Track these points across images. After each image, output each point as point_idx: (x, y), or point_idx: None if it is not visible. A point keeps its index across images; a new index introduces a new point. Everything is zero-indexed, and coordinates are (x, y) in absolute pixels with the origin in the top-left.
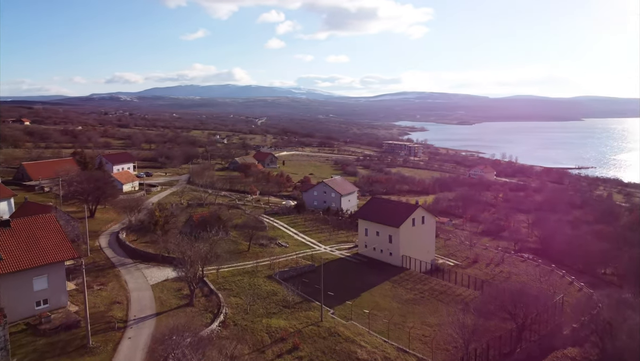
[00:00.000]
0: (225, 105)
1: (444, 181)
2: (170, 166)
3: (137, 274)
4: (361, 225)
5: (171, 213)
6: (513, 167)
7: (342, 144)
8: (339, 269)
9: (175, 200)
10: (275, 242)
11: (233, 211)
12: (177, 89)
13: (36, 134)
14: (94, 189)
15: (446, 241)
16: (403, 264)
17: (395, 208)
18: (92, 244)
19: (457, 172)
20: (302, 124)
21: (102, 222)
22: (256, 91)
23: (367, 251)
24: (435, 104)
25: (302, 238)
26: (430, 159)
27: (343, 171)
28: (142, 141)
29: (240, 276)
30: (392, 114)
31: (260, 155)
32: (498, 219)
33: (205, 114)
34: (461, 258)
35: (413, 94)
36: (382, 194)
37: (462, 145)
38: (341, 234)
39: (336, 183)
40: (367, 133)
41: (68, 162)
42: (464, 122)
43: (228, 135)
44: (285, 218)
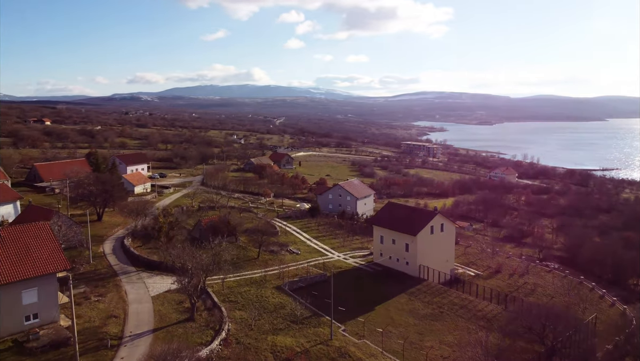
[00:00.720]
0: (244, 105)
1: (464, 183)
2: (185, 166)
3: (138, 284)
4: (376, 232)
5: (176, 218)
6: (535, 169)
7: (360, 144)
8: (352, 280)
9: (187, 203)
10: (287, 249)
11: (244, 215)
12: (197, 89)
13: (54, 134)
14: (101, 192)
15: (466, 249)
16: (420, 275)
17: (412, 214)
18: (96, 250)
19: (478, 174)
20: (320, 124)
21: (110, 226)
22: (275, 91)
23: (382, 259)
24: (455, 104)
25: (315, 244)
26: (449, 160)
27: (360, 172)
28: (158, 141)
29: (247, 286)
30: (410, 114)
31: (276, 156)
32: (520, 224)
33: (224, 113)
34: (482, 268)
35: (432, 94)
36: (399, 197)
37: (482, 146)
38: (356, 240)
39: (352, 186)
40: (385, 133)
41: (80, 163)
42: (484, 122)
43: (245, 135)
44: (298, 222)
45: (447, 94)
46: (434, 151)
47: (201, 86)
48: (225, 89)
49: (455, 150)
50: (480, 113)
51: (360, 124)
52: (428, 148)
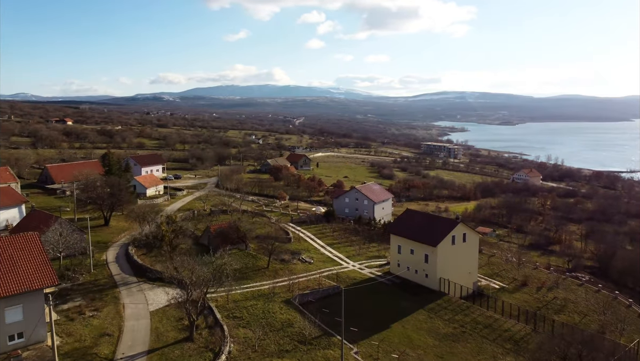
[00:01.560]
0: (264, 105)
1: (486, 186)
2: (201, 167)
3: (138, 297)
4: (394, 241)
5: (180, 226)
6: (560, 171)
7: (379, 145)
8: (367, 293)
9: (199, 206)
10: (299, 257)
11: (257, 220)
12: (218, 89)
13: (73, 134)
14: (108, 196)
15: (490, 258)
16: (441, 289)
17: (432, 222)
18: (99, 257)
19: (500, 176)
20: (339, 124)
21: (116, 231)
22: (295, 91)
23: (400, 270)
24: (476, 104)
25: (329, 252)
26: (470, 162)
27: (379, 173)
28: (176, 142)
29: (254, 300)
30: (431, 114)
31: (294, 157)
32: (546, 230)
33: (245, 113)
34: (508, 280)
35: (453, 94)
36: (419, 200)
37: (505, 146)
38: (372, 247)
39: (369, 190)
40: (405, 134)
41: (93, 164)
42: (506, 122)
43: (264, 135)
44: (313, 228)
45: (469, 94)
46: (455, 151)
47: (222, 86)
48: (246, 89)
49: (476, 151)
50: (502, 113)
51: (380, 124)
52: (449, 149)
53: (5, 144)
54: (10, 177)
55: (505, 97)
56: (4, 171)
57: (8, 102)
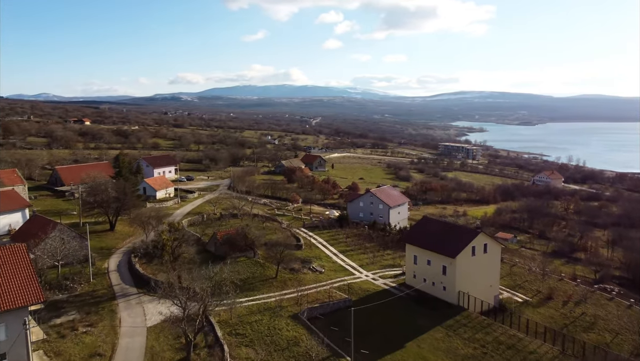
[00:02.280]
0: (282, 105)
1: (506, 189)
2: (214, 168)
3: (137, 310)
4: (409, 251)
5: (183, 235)
6: (582, 173)
7: (396, 145)
8: (380, 307)
9: (209, 209)
10: (309, 266)
11: (267, 225)
12: (236, 89)
13: (89, 134)
14: (114, 199)
15: (512, 268)
16: (459, 303)
17: (451, 232)
18: (100, 265)
19: (520, 178)
20: (356, 124)
21: (122, 236)
22: (312, 91)
23: (416, 282)
24: (495, 104)
25: (341, 260)
26: (489, 163)
27: (395, 175)
28: (191, 142)
29: (259, 314)
30: (449, 114)
31: (309, 158)
32: (570, 236)
33: (262, 113)
34: (531, 292)
35: (472, 94)
36: (436, 203)
37: (524, 147)
38: (387, 255)
39: (384, 193)
40: (422, 134)
41: (104, 166)
42: (525, 122)
43: (280, 135)
44: (325, 233)
45: (487, 94)
46: (474, 152)
47: (240, 86)
48: (264, 89)
49: (495, 151)
50: (521, 113)
51: (397, 124)
52: (467, 150)
53: (21, 144)
54: (18, 179)
55: (524, 97)
56: (11, 173)
57: (30, 102)
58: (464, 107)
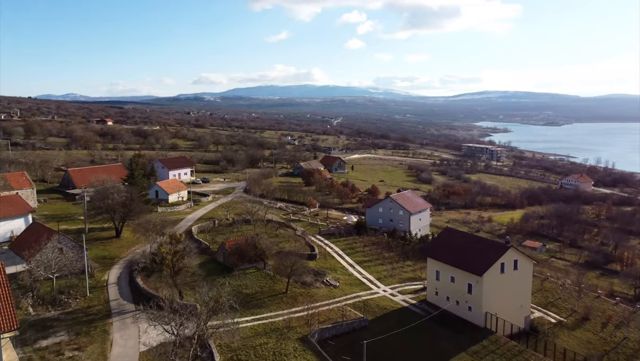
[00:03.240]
0: (303, 105)
1: (533, 193)
2: (232, 170)
3: (131, 331)
4: (431, 265)
5: (184, 247)
6: (612, 175)
7: (418, 146)
8: (399, 327)
9: (222, 214)
10: (323, 279)
11: (281, 232)
12: (258, 89)
13: (109, 134)
14: (121, 205)
15: (543, 283)
16: (486, 325)
17: (477, 246)
18: (100, 276)
19: (547, 181)
20: (377, 125)
21: (127, 244)
22: (333, 91)
23: (438, 299)
24: (519, 104)
25: (357, 272)
26: (515, 165)
27: (417, 177)
28: (210, 143)
29: (265, 336)
30: (472, 114)
31: (328, 159)
32: (603, 245)
33: (283, 113)
34: (565, 311)
35: (495, 93)
36: (459, 208)
37: (550, 148)
38: (407, 266)
39: (405, 199)
40: (445, 134)
41: (116, 168)
42: (551, 122)
43: (300, 136)
44: (342, 242)
45: (511, 94)
46: (498, 153)
47: (262, 87)
48: (285, 89)
49: (520, 152)
50: (547, 113)
51: (419, 125)
52: (491, 151)
53: (41, 144)
54: (26, 182)
55: (550, 96)
56: (20, 176)
57: (56, 103)
58: (488, 107)
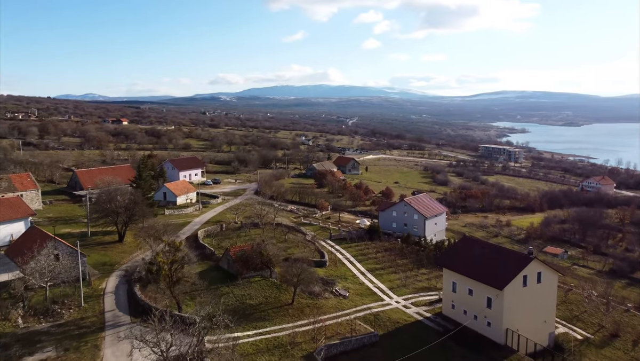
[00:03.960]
0: (319, 105)
1: (553, 196)
2: (244, 171)
3: (123, 347)
4: (447, 276)
5: (183, 257)
6: (634, 177)
7: (434, 147)
8: (412, 343)
9: (230, 217)
10: (332, 289)
11: (290, 236)
12: (274, 89)
13: (122, 134)
14: (123, 208)
15: (567, 294)
16: (507, 343)
17: (497, 257)
18: (97, 285)
19: (567, 183)
20: (393, 125)
21: (130, 249)
22: (349, 91)
23: (454, 313)
24: (538, 104)
25: (369, 280)
26: (533, 166)
27: (432, 179)
28: (223, 143)
29: (267, 353)
30: (489, 115)
31: (341, 160)
32: (628, 251)
33: (299, 113)
34: (592, 326)
35: (513, 93)
36: (476, 211)
37: (569, 148)
38: (421, 275)
39: (420, 202)
40: (461, 135)
41: (125, 169)
42: (570, 123)
43: (315, 136)
44: (353, 247)
45: (529, 93)
46: (516, 154)
47: (278, 87)
48: (301, 89)
49: (538, 153)
50: (566, 113)
51: (435, 125)
52: (509, 152)
53: (54, 144)
54: (31, 183)
55: (569, 96)
56: (24, 177)
57: (74, 102)
58: (505, 107)
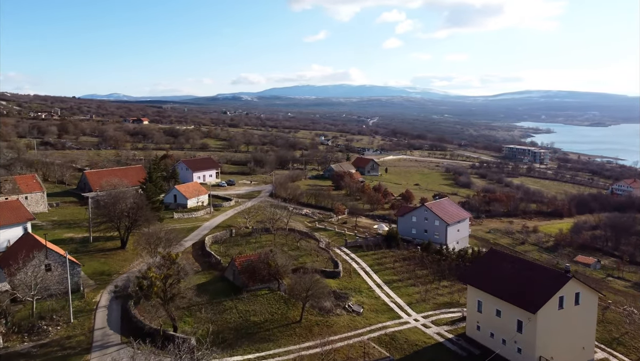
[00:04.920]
0: (339, 104)
1: (582, 200)
2: (260, 172)
3: None
4: (472, 294)
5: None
6: None
7: (456, 147)
8: None
9: (242, 222)
10: (345, 304)
11: (303, 243)
12: (295, 89)
13: (140, 134)
14: (125, 213)
15: (605, 312)
16: None
17: (529, 275)
18: (91, 298)
19: (596, 186)
20: (414, 125)
21: (131, 257)
22: (370, 91)
23: (479, 335)
24: (563, 104)
25: (385, 294)
26: (559, 167)
27: (455, 181)
28: (241, 143)
29: None
30: (512, 115)
31: (360, 161)
32: None
33: (319, 113)
34: (636, 352)
35: (537, 93)
36: (501, 216)
37: (596, 149)
38: (443, 288)
39: (442, 208)
40: (484, 135)
41: (135, 170)
42: (597, 123)
43: (335, 136)
44: (370, 256)
45: (554, 93)
46: (541, 155)
47: (299, 86)
48: (322, 89)
49: (564, 154)
50: (592, 113)
51: (457, 125)
52: (534, 153)
53: (71, 144)
54: (36, 185)
55: (595, 96)
56: (30, 179)
57: (97, 102)
58: (529, 107)
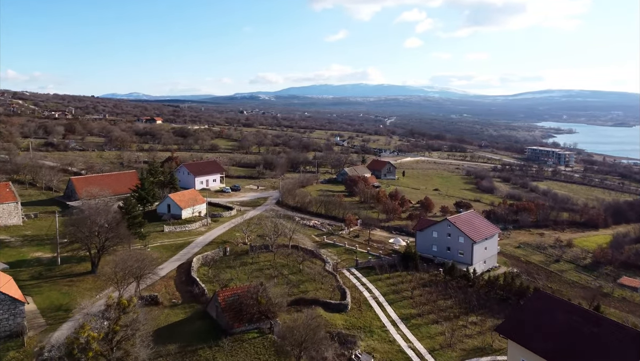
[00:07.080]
0: (357, 104)
1: (618, 208)
2: (269, 175)
3: None
4: (513, 351)
5: (130, 325)
6: None
7: (476, 148)
8: None
9: (240, 237)
10: (352, 354)
11: (306, 265)
12: (312, 88)
13: (148, 134)
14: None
15: None
16: None
17: (595, 332)
18: (36, 342)
19: (628, 191)
20: (432, 125)
21: (100, 285)
22: (388, 90)
23: None
24: (585, 103)
25: (402, 335)
26: (586, 170)
27: (476, 185)
28: (252, 144)
29: None
30: (533, 114)
31: (376, 164)
32: None
33: (336, 113)
34: None
35: (559, 92)
36: (530, 227)
37: (619, 150)
38: (471, 325)
39: (467, 223)
40: (504, 135)
41: (128, 176)
42: (621, 123)
43: (351, 136)
44: (384, 280)
45: (576, 92)
46: (566, 157)
47: (316, 85)
48: (340, 88)
49: (588, 156)
50: (616, 113)
51: (476, 125)
52: (558, 154)
53: (75, 145)
54: (9, 195)
55: (619, 95)
56: (3, 188)
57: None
58: (550, 107)
